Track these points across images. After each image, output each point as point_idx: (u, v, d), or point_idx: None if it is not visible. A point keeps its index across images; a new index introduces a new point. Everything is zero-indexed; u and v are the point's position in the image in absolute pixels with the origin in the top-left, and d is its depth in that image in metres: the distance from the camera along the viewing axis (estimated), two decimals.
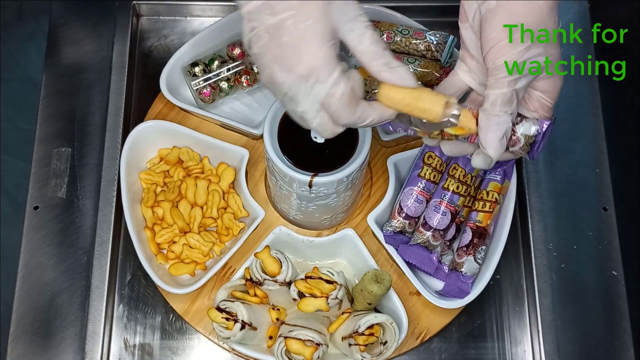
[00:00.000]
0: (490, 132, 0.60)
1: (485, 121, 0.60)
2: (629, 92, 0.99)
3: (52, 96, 0.92)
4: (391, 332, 0.74)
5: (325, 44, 0.56)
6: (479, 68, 0.64)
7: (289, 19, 0.55)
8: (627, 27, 0.89)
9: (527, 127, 0.62)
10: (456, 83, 0.66)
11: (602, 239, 0.86)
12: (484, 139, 0.60)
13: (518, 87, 0.59)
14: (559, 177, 0.89)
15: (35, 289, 0.83)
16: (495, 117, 0.59)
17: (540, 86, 0.62)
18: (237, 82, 0.89)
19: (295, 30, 0.55)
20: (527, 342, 0.84)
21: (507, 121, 0.60)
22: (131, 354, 0.83)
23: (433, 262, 0.81)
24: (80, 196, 0.87)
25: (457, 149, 0.66)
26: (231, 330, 0.73)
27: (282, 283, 0.75)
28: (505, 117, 0.59)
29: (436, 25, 0.97)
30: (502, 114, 0.59)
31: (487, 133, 0.60)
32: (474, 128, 0.61)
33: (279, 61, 0.56)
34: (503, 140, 0.60)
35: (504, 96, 0.59)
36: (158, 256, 0.84)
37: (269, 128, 0.73)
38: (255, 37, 0.57)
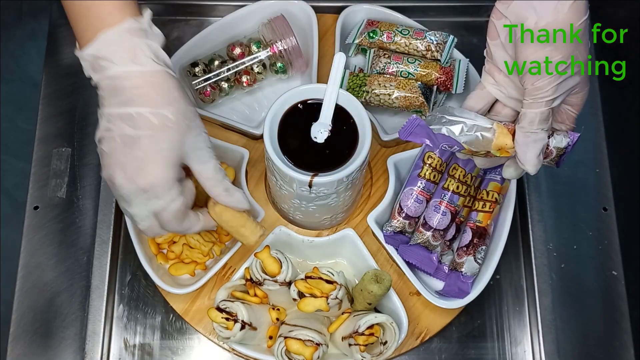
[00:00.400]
0: (529, 150, 0.63)
1: (523, 139, 0.63)
2: (629, 92, 0.99)
3: (52, 96, 0.92)
4: (391, 332, 0.74)
5: (170, 168, 0.62)
6: (507, 82, 0.67)
7: (147, 138, 0.60)
8: (627, 27, 0.89)
9: (559, 140, 0.65)
10: (485, 96, 0.69)
11: (602, 239, 0.86)
12: (523, 157, 0.64)
13: (554, 105, 0.62)
14: (559, 177, 0.89)
15: (35, 289, 0.83)
16: (533, 134, 0.63)
17: (569, 100, 0.65)
18: (237, 82, 0.89)
19: (149, 149, 0.60)
20: (527, 342, 0.84)
21: (544, 138, 0.63)
22: (131, 354, 0.83)
23: (433, 262, 0.81)
24: (80, 196, 0.87)
25: (489, 162, 0.71)
26: (231, 330, 0.73)
27: (282, 283, 0.75)
28: (543, 134, 0.63)
29: (436, 25, 0.97)
30: (539, 132, 0.63)
31: (525, 151, 0.64)
32: (511, 144, 0.64)
33: (123, 168, 0.61)
34: (540, 156, 0.64)
35: (542, 115, 0.62)
36: (158, 256, 0.84)
37: (269, 128, 0.73)
38: (108, 138, 0.61)
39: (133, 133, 0.60)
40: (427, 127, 0.66)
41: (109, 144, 0.61)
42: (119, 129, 0.60)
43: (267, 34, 0.89)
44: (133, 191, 0.62)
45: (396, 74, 0.89)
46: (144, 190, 0.62)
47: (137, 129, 0.60)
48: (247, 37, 0.90)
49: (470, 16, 1.00)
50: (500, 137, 0.65)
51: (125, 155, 0.61)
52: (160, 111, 0.60)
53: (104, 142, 0.62)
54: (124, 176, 0.61)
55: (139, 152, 0.60)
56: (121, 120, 0.60)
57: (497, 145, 0.66)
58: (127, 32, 0.60)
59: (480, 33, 0.99)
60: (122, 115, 0.60)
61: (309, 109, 0.75)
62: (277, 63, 0.89)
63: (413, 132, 0.67)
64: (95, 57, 0.60)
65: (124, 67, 0.59)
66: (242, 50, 0.88)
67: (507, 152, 0.65)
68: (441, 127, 0.66)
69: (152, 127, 0.60)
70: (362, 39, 0.92)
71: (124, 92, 0.60)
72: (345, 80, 0.89)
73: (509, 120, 0.69)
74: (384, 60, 0.90)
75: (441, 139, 0.67)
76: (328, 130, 0.74)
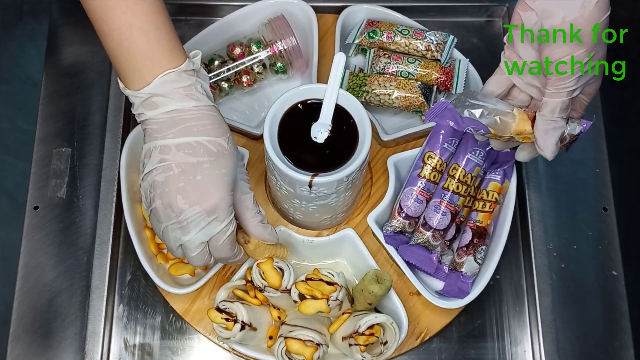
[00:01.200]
0: (549, 137, 0.67)
1: (544, 126, 0.66)
2: (629, 92, 0.99)
3: (52, 96, 0.92)
4: (391, 332, 0.74)
5: (229, 192, 0.66)
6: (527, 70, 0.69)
7: (207, 163, 0.64)
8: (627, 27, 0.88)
9: (573, 128, 0.68)
10: (504, 81, 0.72)
11: (602, 239, 0.86)
12: (543, 143, 0.67)
13: (574, 95, 0.64)
14: (559, 177, 0.89)
15: (35, 289, 0.83)
16: (553, 122, 0.66)
17: (584, 90, 0.67)
18: (237, 82, 0.89)
19: (210, 174, 0.64)
20: (527, 342, 0.84)
21: (563, 125, 0.67)
22: (131, 354, 0.83)
23: (433, 262, 0.81)
24: (80, 196, 0.87)
25: (504, 145, 0.75)
26: (231, 331, 0.73)
27: (283, 291, 0.75)
28: (562, 122, 0.66)
29: (436, 25, 0.97)
30: (559, 120, 0.66)
31: (546, 138, 0.67)
32: (530, 129, 0.68)
33: (184, 193, 0.64)
34: (558, 143, 0.68)
35: (563, 104, 0.65)
36: (158, 256, 0.83)
37: (269, 128, 0.73)
38: (163, 168, 0.64)
39: (194, 160, 0.64)
40: (455, 110, 0.68)
41: (164, 173, 0.64)
42: (177, 158, 0.64)
43: (267, 34, 0.89)
44: (195, 215, 0.64)
45: (396, 74, 0.89)
46: (208, 212, 0.65)
47: (197, 156, 0.64)
48: (247, 37, 0.89)
49: (470, 16, 1.00)
50: (520, 123, 0.68)
51: (185, 181, 0.64)
52: (217, 140, 0.65)
53: (158, 172, 0.64)
54: (185, 201, 0.64)
55: (200, 177, 0.64)
56: (179, 150, 0.64)
57: (517, 131, 0.68)
58: (185, 72, 0.65)
59: (480, 33, 0.99)
60: (180, 145, 0.64)
61: (309, 109, 0.75)
62: (277, 63, 0.89)
63: (440, 115, 0.69)
64: (152, 95, 0.64)
65: (182, 103, 0.64)
66: (242, 50, 0.88)
67: (528, 137, 0.68)
68: (464, 110, 0.69)
69: (211, 154, 0.65)
70: (362, 39, 0.92)
71: (183, 124, 0.64)
72: (345, 80, 0.89)
73: (523, 105, 0.72)
74: (384, 60, 0.90)
75: (468, 122, 0.68)
76: (328, 130, 0.74)
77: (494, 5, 0.99)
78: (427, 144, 0.84)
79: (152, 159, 0.65)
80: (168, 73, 0.64)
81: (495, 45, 0.98)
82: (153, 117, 0.64)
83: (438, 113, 0.69)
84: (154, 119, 0.64)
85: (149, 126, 0.65)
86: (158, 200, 0.65)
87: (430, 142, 0.83)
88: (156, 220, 0.67)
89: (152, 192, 0.65)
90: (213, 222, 0.65)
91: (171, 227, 0.66)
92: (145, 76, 0.64)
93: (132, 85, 0.65)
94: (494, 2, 0.99)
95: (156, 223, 0.67)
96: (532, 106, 0.72)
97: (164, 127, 0.64)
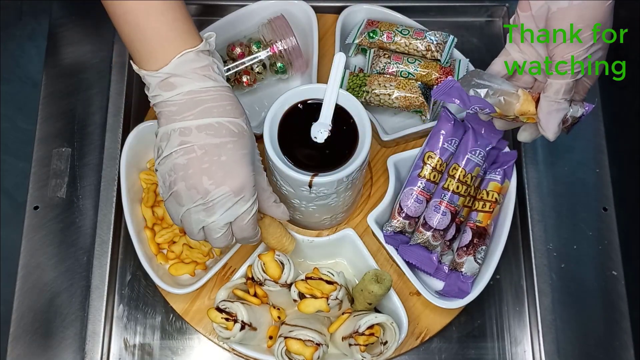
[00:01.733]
0: (552, 118, 0.67)
1: (548, 107, 0.67)
2: (629, 92, 0.99)
3: (52, 96, 0.92)
4: (391, 332, 0.74)
5: (251, 171, 0.65)
6: (532, 51, 0.70)
7: (230, 144, 0.64)
8: (627, 27, 0.88)
9: (576, 110, 0.69)
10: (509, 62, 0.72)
11: (602, 239, 0.86)
12: (546, 125, 0.68)
13: (578, 77, 0.65)
14: (559, 177, 0.89)
15: (35, 289, 0.83)
16: (557, 103, 0.67)
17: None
18: (237, 82, 0.89)
19: (234, 154, 0.64)
20: (527, 342, 0.84)
21: (566, 107, 0.68)
22: (131, 354, 0.83)
23: (433, 262, 0.81)
24: (80, 196, 0.87)
25: (508, 125, 0.75)
26: (231, 331, 0.73)
27: (282, 285, 0.75)
28: (565, 104, 0.67)
29: (436, 25, 0.97)
30: (562, 101, 0.67)
31: (549, 119, 0.67)
32: (533, 110, 0.68)
33: (209, 174, 0.63)
34: (561, 124, 0.68)
35: (567, 85, 0.66)
36: (158, 256, 0.84)
37: (269, 128, 0.73)
38: (185, 150, 0.63)
39: (217, 141, 0.63)
40: (462, 89, 0.69)
41: (186, 155, 0.63)
42: (199, 139, 0.63)
43: (267, 34, 0.89)
44: (222, 196, 0.64)
45: (396, 74, 0.89)
46: (236, 192, 0.64)
47: (220, 137, 0.63)
48: (247, 37, 0.90)
49: (470, 16, 1.00)
50: (524, 104, 0.68)
51: (210, 162, 0.63)
52: (237, 121, 0.65)
53: (179, 155, 0.63)
54: (211, 182, 0.63)
55: (224, 157, 0.63)
56: (200, 131, 0.63)
57: (521, 111, 0.69)
58: (202, 52, 0.64)
59: (480, 33, 0.99)
60: (202, 127, 0.63)
61: (309, 109, 0.75)
62: (277, 63, 0.89)
63: (446, 92, 0.70)
64: (170, 75, 0.63)
65: (200, 83, 0.64)
66: (242, 50, 0.88)
67: (532, 118, 0.69)
68: (470, 89, 0.69)
69: (233, 135, 0.64)
70: (362, 39, 0.92)
71: (203, 105, 0.64)
72: (345, 80, 0.89)
73: (527, 86, 0.72)
74: (384, 60, 0.90)
75: (474, 101, 0.69)
76: (328, 130, 0.74)
77: (494, 5, 0.99)
78: (427, 144, 0.84)
79: (170, 142, 0.64)
80: (186, 53, 0.63)
81: (495, 45, 0.98)
82: (170, 98, 0.63)
83: (445, 91, 0.70)
84: (172, 100, 0.63)
85: (165, 108, 0.64)
86: (181, 182, 0.64)
87: (430, 142, 0.83)
88: (176, 204, 0.65)
89: (172, 175, 0.64)
90: (239, 201, 0.65)
91: (194, 209, 0.65)
92: (163, 57, 0.63)
93: (148, 66, 0.64)
94: (494, 2, 0.99)
95: (175, 207, 0.66)
96: (535, 88, 0.73)
97: (183, 109, 0.63)
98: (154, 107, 0.65)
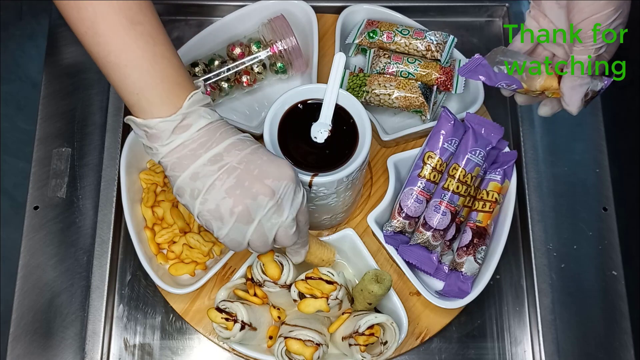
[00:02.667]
0: (575, 93, 0.68)
1: (571, 83, 0.67)
2: (629, 92, 0.99)
3: (52, 96, 0.92)
4: (391, 332, 0.74)
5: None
6: (551, 27, 0.70)
7: (260, 147, 0.65)
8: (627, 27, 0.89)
9: (595, 84, 0.69)
10: (527, 39, 0.73)
11: (602, 239, 0.86)
12: (569, 99, 0.68)
13: (601, 52, 0.65)
14: (559, 177, 0.89)
15: (35, 289, 0.83)
16: (580, 78, 0.67)
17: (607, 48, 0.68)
18: (237, 82, 0.89)
19: (269, 153, 0.65)
20: (527, 342, 0.84)
21: (588, 82, 0.68)
22: (131, 354, 0.83)
23: (433, 262, 0.81)
24: (80, 196, 0.87)
25: (530, 100, 0.75)
26: (231, 331, 0.73)
27: (282, 286, 0.75)
28: (588, 78, 0.67)
29: (436, 25, 0.97)
30: (585, 76, 0.67)
31: (572, 94, 0.68)
32: (556, 85, 0.69)
33: (265, 175, 0.63)
34: (583, 99, 0.68)
35: (590, 59, 0.65)
36: (158, 256, 0.84)
37: (269, 128, 0.73)
38: (227, 171, 0.63)
39: (248, 150, 0.64)
40: (488, 66, 0.70)
41: (231, 175, 0.62)
42: (233, 157, 0.63)
43: (267, 34, 0.89)
44: (285, 187, 0.64)
45: (396, 74, 0.89)
46: (293, 179, 0.64)
47: (249, 146, 0.64)
48: (247, 37, 0.90)
49: (470, 16, 1.00)
50: (547, 79, 0.69)
51: (257, 167, 0.63)
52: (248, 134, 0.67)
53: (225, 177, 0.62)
54: (271, 180, 0.63)
55: (265, 157, 0.64)
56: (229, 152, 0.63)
57: (544, 87, 0.70)
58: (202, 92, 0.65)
59: (480, 33, 0.99)
60: (229, 146, 0.63)
61: (309, 109, 0.75)
62: (277, 63, 0.89)
63: (473, 70, 0.70)
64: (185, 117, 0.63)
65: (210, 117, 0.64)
66: (242, 50, 0.88)
67: (557, 92, 0.69)
68: (494, 66, 0.70)
69: (255, 142, 0.66)
70: (362, 39, 0.92)
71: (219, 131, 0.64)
72: (345, 80, 0.89)
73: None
74: (384, 60, 0.90)
75: (500, 77, 0.70)
76: (328, 130, 0.74)
77: (494, 5, 0.99)
78: (427, 144, 0.84)
79: (205, 175, 0.62)
80: (195, 93, 0.63)
81: (495, 45, 0.97)
82: (189, 137, 0.63)
83: (471, 69, 0.70)
84: (191, 139, 0.63)
85: (185, 149, 0.63)
86: (243, 199, 0.62)
87: (430, 142, 0.83)
88: (244, 225, 0.63)
89: (228, 200, 0.62)
90: (297, 189, 0.65)
91: (266, 216, 0.64)
92: (177, 100, 0.62)
93: (160, 113, 0.62)
94: (494, 2, 0.99)
95: (242, 229, 0.64)
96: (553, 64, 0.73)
97: (205, 140, 0.63)
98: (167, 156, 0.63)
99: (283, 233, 0.66)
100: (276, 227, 0.65)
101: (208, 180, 0.62)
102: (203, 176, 0.62)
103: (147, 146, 0.64)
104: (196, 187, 0.63)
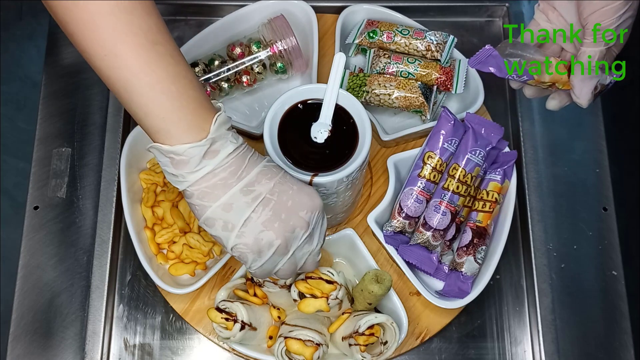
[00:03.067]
0: (585, 85, 0.68)
1: (581, 75, 0.68)
2: (629, 92, 0.99)
3: (52, 96, 0.92)
4: (391, 332, 0.74)
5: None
6: (561, 21, 0.70)
7: (286, 175, 0.64)
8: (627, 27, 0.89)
9: (604, 78, 0.69)
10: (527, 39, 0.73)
11: (602, 239, 0.86)
12: (579, 92, 0.68)
13: (610, 45, 0.66)
14: (559, 177, 0.89)
15: (35, 289, 0.83)
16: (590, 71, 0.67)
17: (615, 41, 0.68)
18: (237, 82, 0.89)
19: (296, 180, 0.65)
20: (527, 342, 0.84)
21: (599, 75, 0.68)
22: (131, 354, 0.83)
23: (433, 262, 0.81)
24: (80, 196, 0.87)
25: (538, 92, 0.75)
26: (231, 331, 0.73)
27: (282, 286, 0.75)
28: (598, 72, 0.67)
29: (436, 25, 0.97)
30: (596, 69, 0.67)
31: (582, 86, 0.68)
32: (566, 78, 0.69)
33: (298, 208, 0.63)
34: (593, 90, 0.68)
35: (601, 53, 0.66)
36: (158, 256, 0.84)
37: (269, 128, 0.73)
38: (262, 203, 0.61)
39: (277, 178, 0.63)
40: (499, 57, 0.70)
41: (266, 207, 0.61)
42: (265, 187, 0.62)
43: (267, 34, 0.89)
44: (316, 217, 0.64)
45: (396, 74, 0.89)
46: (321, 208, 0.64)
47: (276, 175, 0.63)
48: (247, 37, 0.90)
49: (470, 16, 1.00)
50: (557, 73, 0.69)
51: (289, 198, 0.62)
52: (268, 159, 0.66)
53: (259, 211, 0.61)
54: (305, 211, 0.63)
55: (295, 186, 0.64)
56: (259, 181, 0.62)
57: (554, 79, 0.70)
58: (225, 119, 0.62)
59: (480, 33, 0.99)
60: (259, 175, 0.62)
61: (309, 109, 0.75)
62: (277, 63, 0.89)
63: (483, 62, 0.70)
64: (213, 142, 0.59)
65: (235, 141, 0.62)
66: (242, 50, 0.88)
67: (567, 85, 0.70)
68: (504, 58, 0.70)
69: (280, 169, 0.65)
70: (362, 39, 0.92)
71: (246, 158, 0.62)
72: (345, 80, 0.89)
73: (555, 55, 0.73)
74: (384, 60, 0.90)
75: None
76: (328, 130, 0.74)
77: (494, 5, 0.99)
78: (427, 144, 0.84)
79: (241, 207, 0.60)
80: (219, 115, 0.61)
81: (495, 45, 0.98)
82: (219, 164, 0.60)
83: (482, 60, 0.70)
84: (220, 166, 0.60)
85: (215, 177, 0.60)
86: (284, 232, 0.62)
87: (430, 142, 0.83)
88: (279, 256, 0.63)
89: (266, 232, 0.61)
90: (324, 217, 0.66)
91: (300, 247, 0.64)
92: (202, 123, 0.59)
93: (188, 138, 0.58)
94: (494, 2, 0.99)
95: (276, 260, 0.63)
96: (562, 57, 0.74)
97: (235, 169, 0.61)
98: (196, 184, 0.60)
99: (311, 260, 0.67)
100: (306, 256, 0.66)
101: (243, 212, 0.60)
102: (237, 208, 0.60)
103: (172, 174, 0.60)
104: (230, 220, 0.60)
